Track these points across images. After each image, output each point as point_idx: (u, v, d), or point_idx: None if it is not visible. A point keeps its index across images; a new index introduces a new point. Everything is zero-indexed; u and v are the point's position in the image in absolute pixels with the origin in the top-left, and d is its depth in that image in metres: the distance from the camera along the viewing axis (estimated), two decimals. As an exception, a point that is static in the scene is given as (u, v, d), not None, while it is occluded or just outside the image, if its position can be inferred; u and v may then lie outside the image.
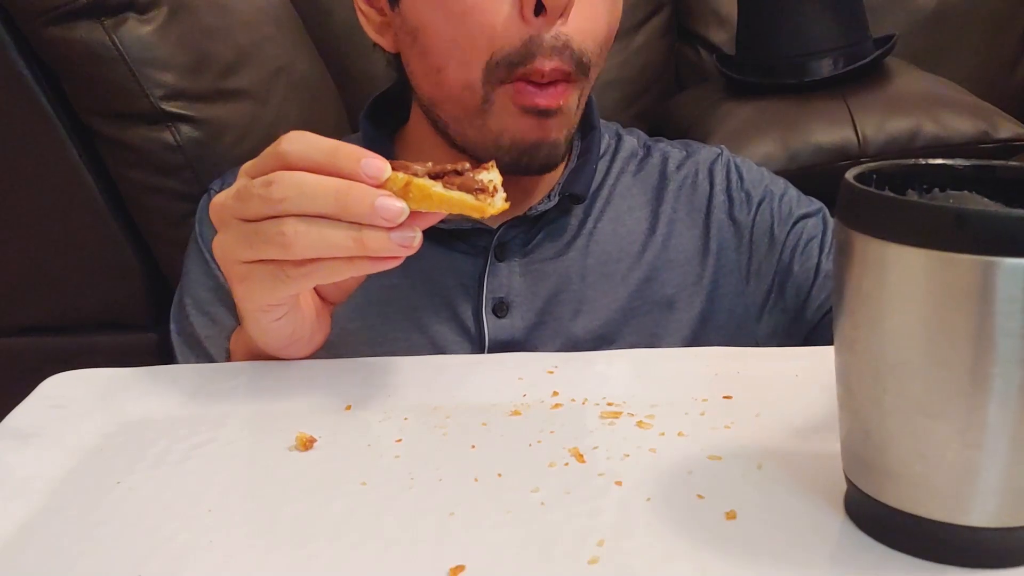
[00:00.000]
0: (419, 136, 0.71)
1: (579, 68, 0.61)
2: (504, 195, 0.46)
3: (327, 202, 0.43)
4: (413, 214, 0.43)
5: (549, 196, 0.69)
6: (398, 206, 0.43)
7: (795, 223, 0.73)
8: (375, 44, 0.69)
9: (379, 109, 0.75)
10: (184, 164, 0.96)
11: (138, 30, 0.92)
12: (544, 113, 0.61)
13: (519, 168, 0.64)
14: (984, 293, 0.31)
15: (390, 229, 0.43)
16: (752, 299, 0.73)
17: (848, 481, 0.38)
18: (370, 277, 0.50)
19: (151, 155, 0.95)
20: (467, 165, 0.45)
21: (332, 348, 0.63)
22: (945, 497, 0.34)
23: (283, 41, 1.18)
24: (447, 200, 0.44)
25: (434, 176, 0.44)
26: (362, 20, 0.69)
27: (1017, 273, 0.31)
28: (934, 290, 0.32)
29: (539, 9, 0.58)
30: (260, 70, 1.08)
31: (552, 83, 0.61)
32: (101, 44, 0.90)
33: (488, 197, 0.44)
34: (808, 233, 0.73)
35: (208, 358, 0.69)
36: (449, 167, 0.45)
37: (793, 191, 0.76)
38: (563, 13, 0.58)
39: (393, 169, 0.43)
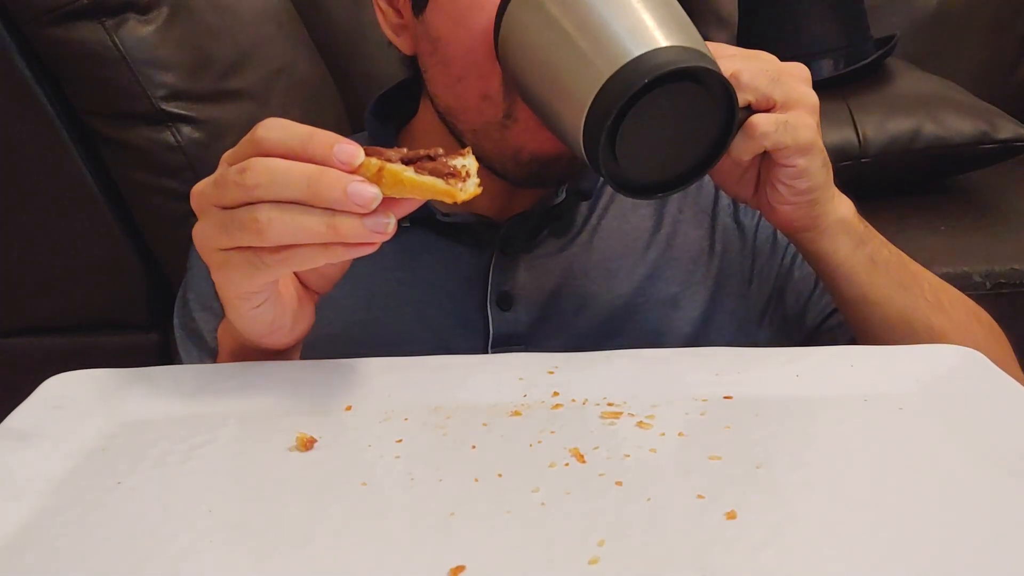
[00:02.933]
0: (427, 129, 0.71)
1: None
2: (477, 181, 0.45)
3: (299, 188, 0.43)
4: (388, 200, 0.43)
5: (557, 192, 0.70)
6: (371, 191, 0.42)
7: None
8: (390, 43, 0.69)
9: (385, 106, 0.75)
10: (185, 165, 0.96)
11: (139, 31, 0.92)
12: None
13: (538, 181, 0.64)
14: None
15: (364, 215, 0.43)
16: (753, 302, 0.73)
17: (584, 147, 0.50)
18: (373, 270, 0.50)
19: (152, 155, 0.96)
20: (440, 150, 0.45)
21: (336, 341, 0.63)
22: (618, 48, 0.49)
23: (284, 42, 1.18)
24: (419, 185, 0.43)
25: (408, 161, 0.44)
26: (380, 17, 0.68)
27: None
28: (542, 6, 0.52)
29: None
30: (261, 71, 1.08)
31: None
32: (102, 45, 0.90)
33: (459, 182, 0.44)
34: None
35: (211, 353, 0.69)
36: (423, 152, 0.45)
37: None
38: None
39: (367, 155, 0.43)
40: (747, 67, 0.54)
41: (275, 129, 0.44)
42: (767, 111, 0.54)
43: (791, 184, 0.57)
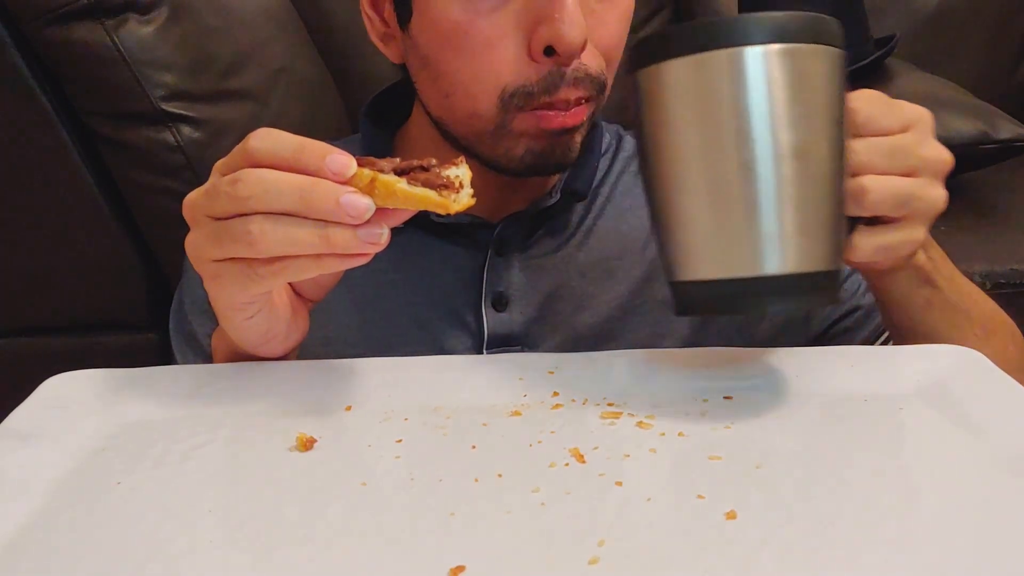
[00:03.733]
0: (421, 133, 0.71)
1: (598, 89, 0.61)
2: (471, 191, 0.45)
3: (292, 200, 0.43)
4: (380, 211, 0.43)
5: (551, 193, 0.70)
6: (363, 203, 0.42)
7: None
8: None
9: (379, 107, 0.75)
10: (185, 165, 0.96)
11: (139, 31, 0.92)
12: (568, 131, 0.61)
13: (534, 171, 0.63)
14: (733, 78, 0.41)
15: (356, 226, 0.43)
16: None
17: (671, 288, 0.47)
18: (367, 272, 0.49)
19: (152, 156, 0.96)
20: (434, 161, 0.45)
21: (330, 344, 0.63)
22: (737, 255, 0.42)
23: (284, 42, 1.18)
24: (412, 196, 0.43)
25: (401, 172, 0.44)
26: (367, 25, 0.68)
27: (754, 57, 0.41)
28: (695, 89, 0.42)
29: (550, 51, 0.57)
30: (261, 71, 1.08)
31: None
32: (102, 45, 0.90)
33: (453, 193, 0.44)
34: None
35: (206, 357, 0.69)
36: (416, 162, 0.44)
37: None
38: (578, 54, 0.58)
39: (359, 166, 0.43)
40: (883, 170, 0.49)
41: (267, 139, 0.44)
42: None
43: (868, 265, 0.55)
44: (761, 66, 0.42)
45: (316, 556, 0.36)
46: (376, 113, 0.74)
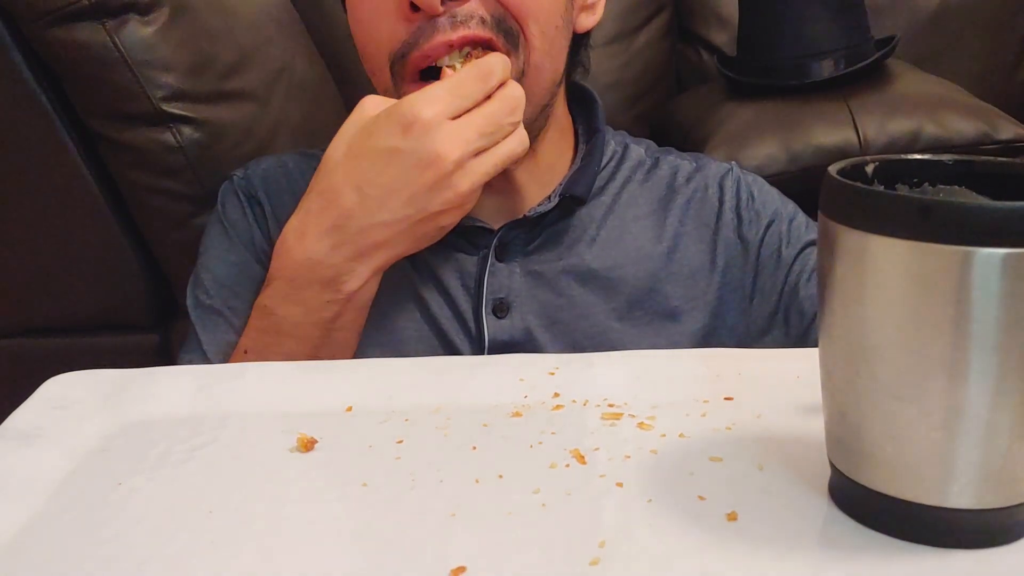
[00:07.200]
0: None
1: (502, 32, 0.62)
2: None
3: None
4: None
5: (550, 198, 0.70)
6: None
7: (804, 248, 0.73)
8: None
9: None
10: (185, 165, 0.96)
11: (139, 31, 0.92)
12: None
13: None
14: (959, 282, 0.32)
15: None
16: (755, 318, 0.73)
17: (831, 465, 0.39)
18: None
19: (152, 156, 0.95)
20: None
21: None
22: (918, 479, 0.35)
23: (284, 42, 1.18)
24: None
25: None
26: None
27: (991, 262, 0.32)
28: (909, 279, 0.33)
29: (414, 7, 0.60)
30: (261, 71, 1.08)
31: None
32: (103, 45, 0.90)
33: None
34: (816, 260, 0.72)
35: (226, 327, 0.69)
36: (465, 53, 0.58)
37: (803, 216, 0.76)
38: (438, 5, 0.60)
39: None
40: None
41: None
42: None
43: None
44: None
45: (317, 557, 0.36)
46: None
